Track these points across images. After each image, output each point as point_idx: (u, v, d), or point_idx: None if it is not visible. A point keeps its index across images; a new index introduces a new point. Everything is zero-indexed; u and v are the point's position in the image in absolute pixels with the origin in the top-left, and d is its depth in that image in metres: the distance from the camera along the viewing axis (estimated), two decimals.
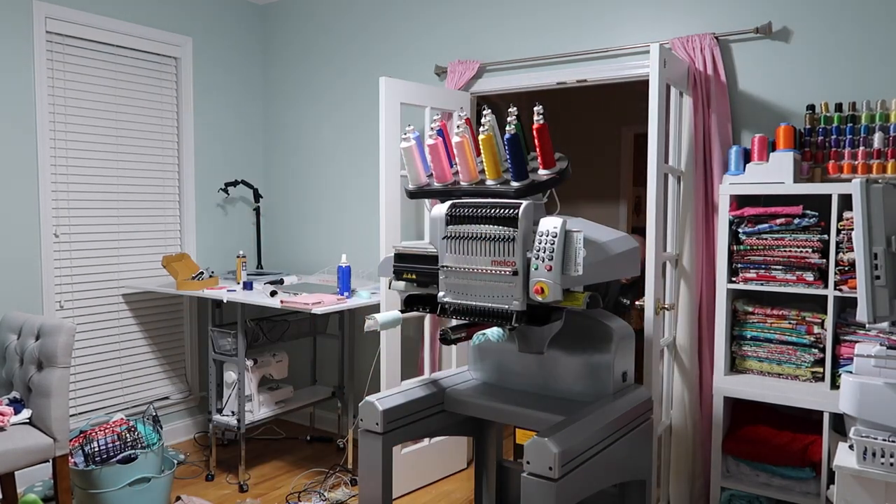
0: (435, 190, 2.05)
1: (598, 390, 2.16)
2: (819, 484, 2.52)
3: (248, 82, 4.47)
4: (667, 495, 2.91)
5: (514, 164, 1.85)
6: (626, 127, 5.76)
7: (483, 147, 1.90)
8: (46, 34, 3.46)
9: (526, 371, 2.27)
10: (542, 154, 1.86)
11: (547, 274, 1.75)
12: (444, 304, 1.96)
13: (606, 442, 1.95)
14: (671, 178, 2.85)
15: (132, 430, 3.10)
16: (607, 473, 1.98)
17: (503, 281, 1.85)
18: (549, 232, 1.77)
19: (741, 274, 2.66)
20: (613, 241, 2.07)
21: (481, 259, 1.88)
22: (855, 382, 2.13)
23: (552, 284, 1.74)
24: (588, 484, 1.88)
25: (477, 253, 1.89)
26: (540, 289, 1.76)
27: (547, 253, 1.76)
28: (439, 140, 2.03)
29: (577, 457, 1.81)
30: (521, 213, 1.81)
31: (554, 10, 3.39)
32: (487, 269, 1.87)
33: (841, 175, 2.62)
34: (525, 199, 1.87)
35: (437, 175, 2.06)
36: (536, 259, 1.78)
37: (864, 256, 1.95)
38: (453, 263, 1.94)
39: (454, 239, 1.93)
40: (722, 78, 2.88)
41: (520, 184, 1.86)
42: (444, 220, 1.96)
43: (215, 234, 4.31)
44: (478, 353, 2.42)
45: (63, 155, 3.58)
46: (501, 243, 1.84)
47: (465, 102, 3.57)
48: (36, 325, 2.90)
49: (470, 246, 1.90)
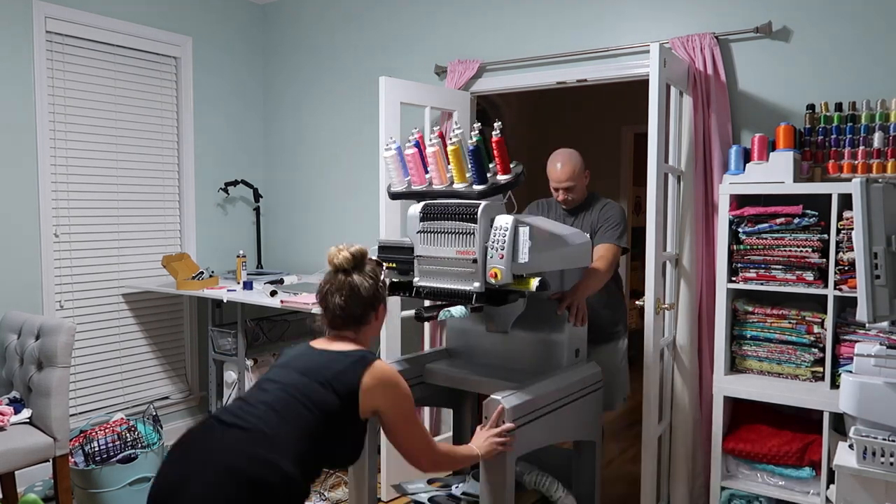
0: (412, 192, 2.37)
1: (553, 364, 2.47)
2: (819, 484, 2.52)
3: (248, 82, 4.47)
4: (667, 495, 2.91)
5: (476, 170, 2.18)
6: (626, 126, 5.76)
7: (451, 156, 2.22)
8: (46, 34, 3.46)
9: (493, 348, 2.60)
10: (500, 162, 2.17)
11: (499, 261, 2.08)
12: (419, 287, 2.29)
13: (556, 405, 2.31)
14: (671, 178, 2.85)
15: (132, 430, 3.10)
16: (558, 430, 2.37)
17: (466, 267, 2.17)
18: (502, 227, 2.10)
19: (741, 273, 2.66)
20: (566, 236, 2.42)
21: (448, 249, 2.21)
22: (855, 382, 2.13)
23: (504, 270, 2.07)
24: (538, 437, 2.25)
25: (444, 244, 2.22)
26: (494, 273, 2.08)
27: (500, 244, 2.09)
28: (416, 150, 2.35)
29: (528, 414, 2.16)
30: (479, 211, 2.15)
31: (554, 9, 3.39)
32: (453, 257, 2.20)
33: (841, 174, 2.62)
34: (485, 200, 2.18)
35: (414, 179, 2.38)
36: (492, 249, 2.10)
37: (864, 256, 1.95)
38: (425, 253, 2.27)
39: (426, 233, 2.27)
40: (722, 77, 2.88)
41: (481, 187, 2.18)
42: (419, 217, 2.29)
43: (215, 234, 4.31)
44: (452, 333, 2.74)
45: (63, 155, 3.58)
46: (464, 236, 2.18)
47: (465, 102, 3.57)
48: (36, 325, 2.90)
49: (439, 238, 2.24)
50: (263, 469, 1.65)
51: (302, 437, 1.71)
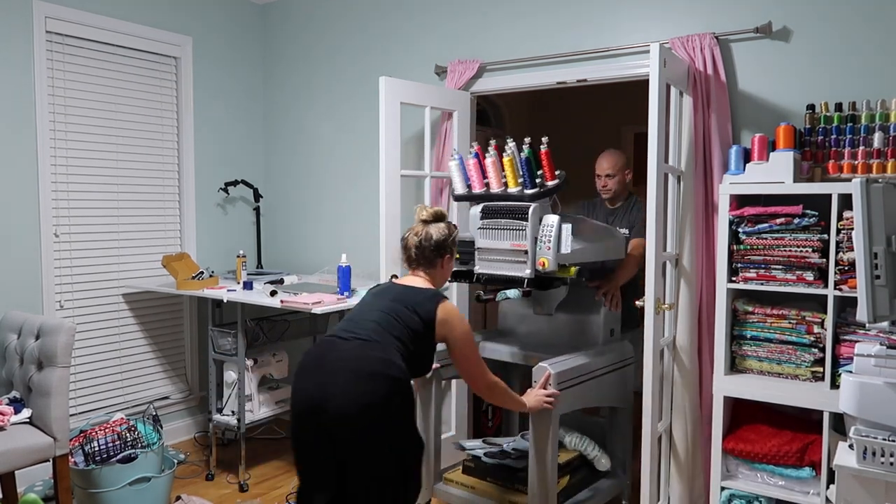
0: (473, 195, 2.84)
1: (591, 342, 2.93)
2: (819, 484, 2.52)
3: (247, 82, 4.47)
4: (667, 495, 2.91)
5: (527, 177, 2.66)
6: (626, 126, 5.76)
7: (506, 165, 2.72)
8: (46, 34, 3.46)
9: (539, 329, 3.07)
10: (547, 170, 2.66)
11: (547, 252, 2.54)
12: (478, 274, 2.75)
13: (593, 374, 2.72)
14: (671, 178, 2.85)
15: (132, 430, 3.10)
16: (594, 396, 2.79)
17: (518, 257, 2.64)
18: (549, 224, 2.57)
19: (741, 273, 2.66)
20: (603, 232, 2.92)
21: (504, 242, 2.68)
22: (855, 382, 2.12)
23: (550, 259, 2.53)
24: (577, 400, 2.67)
25: (501, 238, 2.69)
26: (542, 262, 2.54)
27: (547, 238, 2.54)
28: (476, 160, 2.82)
29: (569, 380, 2.58)
30: (530, 211, 2.62)
31: (554, 9, 3.39)
32: (508, 248, 2.66)
33: (841, 175, 2.62)
34: (535, 202, 2.63)
35: (473, 184, 2.84)
36: (540, 242, 2.56)
37: (864, 256, 1.95)
38: (485, 245, 2.73)
39: (485, 229, 2.73)
40: (722, 77, 2.88)
41: (531, 191, 2.65)
42: (479, 216, 2.75)
43: (215, 234, 4.31)
44: (504, 316, 3.21)
45: (63, 155, 3.58)
46: (517, 231, 2.63)
47: (465, 102, 3.57)
48: (36, 325, 2.90)
49: (496, 233, 2.70)
50: (384, 365, 2.14)
51: (401, 345, 2.21)
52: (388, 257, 3.25)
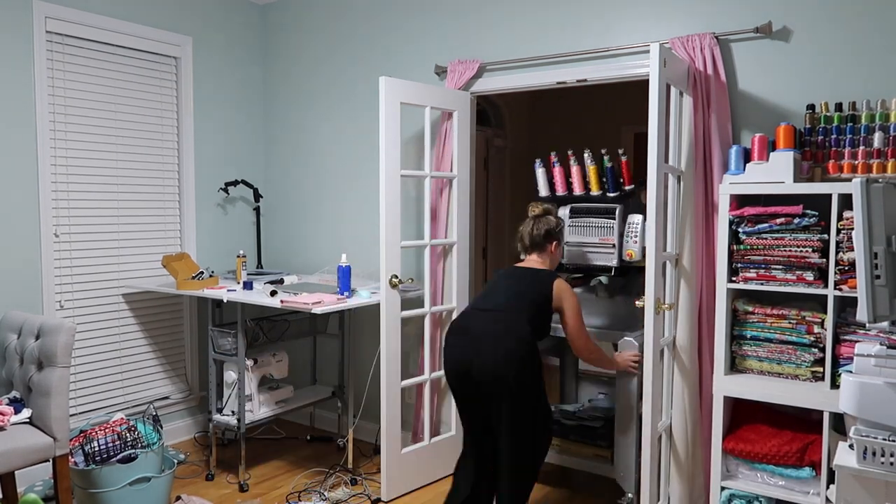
0: (557, 197, 3.34)
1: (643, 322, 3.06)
2: (819, 484, 2.52)
3: (247, 82, 4.47)
4: (667, 495, 2.91)
5: (612, 182, 3.18)
6: (626, 126, 5.76)
7: (591, 172, 3.22)
8: (46, 34, 3.46)
9: (604, 310, 3.39)
10: (626, 177, 3.18)
11: (633, 245, 3.08)
12: (566, 265, 3.29)
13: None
14: (671, 178, 2.85)
15: (132, 430, 3.09)
16: None
17: (606, 251, 3.19)
18: (635, 222, 3.10)
19: (741, 273, 2.66)
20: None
21: (592, 238, 3.21)
22: (855, 382, 2.12)
23: (637, 250, 3.06)
24: None
25: (589, 235, 3.22)
26: (630, 254, 3.09)
27: (634, 233, 3.09)
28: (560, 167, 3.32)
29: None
30: (618, 211, 3.16)
31: (554, 9, 3.39)
32: (596, 242, 3.20)
33: (841, 174, 2.62)
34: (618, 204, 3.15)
35: (557, 188, 3.34)
36: (627, 237, 3.11)
37: (864, 256, 1.95)
38: (574, 240, 3.26)
39: (574, 226, 3.25)
40: (722, 77, 2.88)
41: (614, 194, 3.19)
42: (569, 215, 3.25)
43: (215, 234, 4.31)
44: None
45: (63, 155, 3.58)
46: (604, 228, 3.18)
47: (465, 102, 3.57)
48: (36, 325, 2.90)
49: (584, 230, 3.23)
50: (520, 329, 2.69)
51: (529, 314, 2.74)
52: (389, 257, 3.25)
